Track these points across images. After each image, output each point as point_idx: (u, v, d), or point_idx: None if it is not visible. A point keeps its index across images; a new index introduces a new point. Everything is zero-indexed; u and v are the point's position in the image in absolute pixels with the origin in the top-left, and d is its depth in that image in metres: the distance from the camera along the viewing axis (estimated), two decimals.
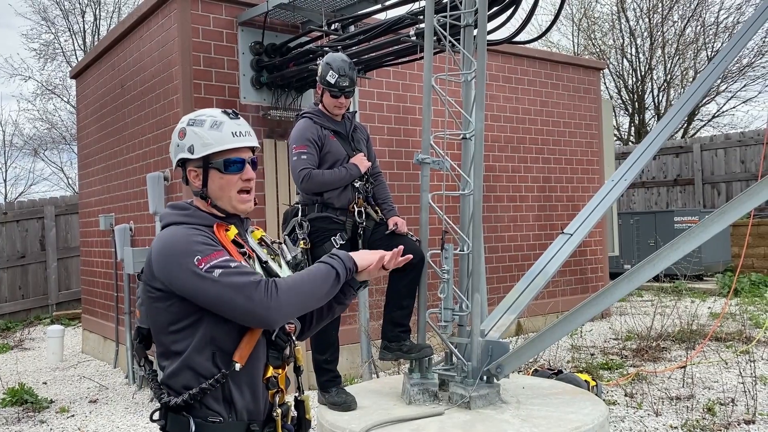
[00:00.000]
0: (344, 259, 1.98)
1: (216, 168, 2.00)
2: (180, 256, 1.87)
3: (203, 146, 1.98)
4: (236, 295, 1.82)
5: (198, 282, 1.84)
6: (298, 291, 1.88)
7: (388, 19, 5.28)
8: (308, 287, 1.90)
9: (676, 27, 19.41)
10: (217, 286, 1.83)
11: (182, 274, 1.86)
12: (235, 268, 1.85)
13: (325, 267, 1.95)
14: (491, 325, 4.22)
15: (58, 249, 11.91)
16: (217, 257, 1.86)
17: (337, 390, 4.00)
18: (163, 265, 1.90)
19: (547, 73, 9.16)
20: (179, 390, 1.93)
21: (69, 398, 6.43)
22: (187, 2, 6.16)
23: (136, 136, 7.19)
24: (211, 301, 1.85)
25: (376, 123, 7.25)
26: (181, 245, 1.89)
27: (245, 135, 2.03)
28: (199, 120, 2.02)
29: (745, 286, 11.15)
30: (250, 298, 1.82)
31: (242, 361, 1.92)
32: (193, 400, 1.90)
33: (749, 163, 14.29)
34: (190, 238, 1.90)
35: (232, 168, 2.01)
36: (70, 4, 21.29)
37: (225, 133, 1.99)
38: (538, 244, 8.77)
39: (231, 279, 1.83)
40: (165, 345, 1.96)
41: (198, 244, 1.88)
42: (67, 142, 21.47)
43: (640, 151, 4.98)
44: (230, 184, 2.01)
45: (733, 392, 5.49)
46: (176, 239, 1.91)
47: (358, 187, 4.16)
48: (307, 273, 1.93)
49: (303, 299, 1.90)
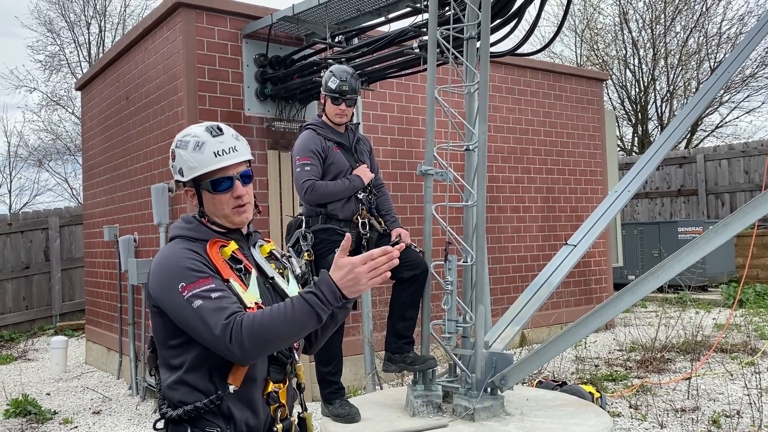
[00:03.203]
0: (327, 296, 1.80)
1: (206, 189, 2.00)
2: (168, 278, 1.89)
3: (189, 169, 1.99)
4: (205, 330, 1.82)
5: (179, 307, 1.86)
6: (268, 332, 1.79)
7: (392, 32, 5.32)
8: (282, 329, 1.80)
9: (679, 38, 19.45)
10: (194, 317, 1.83)
11: (168, 296, 1.88)
12: (215, 300, 1.83)
13: (304, 308, 1.80)
14: (495, 336, 4.21)
15: (62, 260, 11.93)
16: (200, 285, 1.85)
17: (340, 402, 3.99)
18: (154, 283, 1.93)
19: (550, 84, 9.19)
20: (176, 403, 1.94)
21: (72, 409, 6.42)
22: (192, 15, 6.21)
23: (140, 147, 7.23)
24: (189, 328, 1.87)
25: (379, 134, 7.27)
26: (170, 268, 1.90)
27: (229, 152, 1.98)
28: (184, 142, 2.01)
29: (749, 297, 11.10)
30: (214, 337, 1.81)
31: (237, 383, 1.92)
32: (187, 416, 1.91)
33: (753, 174, 14.27)
34: (179, 262, 1.90)
35: (221, 188, 1.99)
36: (76, 17, 21.46)
37: (206, 154, 1.96)
38: (542, 255, 8.76)
39: (205, 313, 1.82)
40: (165, 358, 1.99)
41: (185, 270, 1.88)
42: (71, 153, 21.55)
43: (643, 161, 4.98)
44: (222, 203, 2.00)
45: (738, 404, 5.46)
46: (168, 261, 1.92)
47: (361, 199, 4.17)
48: (284, 313, 1.80)
49: (274, 340, 1.82)
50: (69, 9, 21.27)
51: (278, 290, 2.09)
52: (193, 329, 1.85)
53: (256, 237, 2.15)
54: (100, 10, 21.56)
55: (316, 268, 4.04)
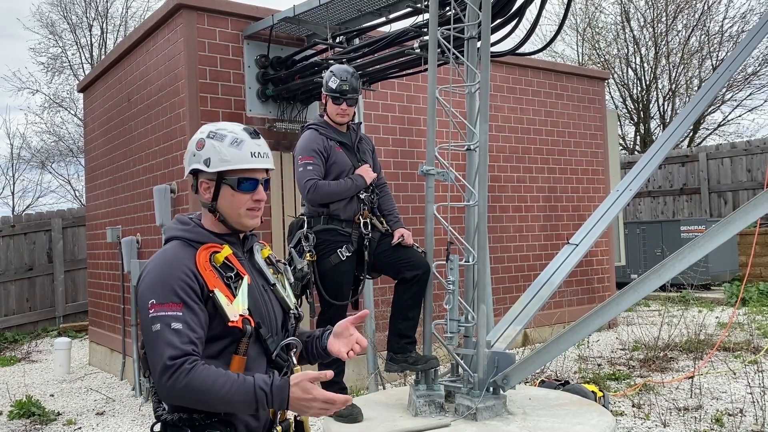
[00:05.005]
0: (274, 402, 1.81)
1: (229, 185, 1.99)
2: (148, 286, 1.90)
3: (220, 161, 1.98)
4: (152, 356, 1.84)
5: (143, 319, 1.89)
6: (204, 395, 1.79)
7: (393, 32, 5.32)
8: (216, 400, 1.80)
9: (681, 36, 19.43)
10: (148, 337, 1.86)
11: (142, 303, 1.90)
12: (172, 332, 1.82)
13: (248, 396, 1.79)
14: (497, 336, 4.21)
15: (65, 261, 11.95)
16: (166, 310, 1.84)
17: None
18: (142, 285, 1.93)
19: (551, 84, 9.18)
20: (172, 407, 1.93)
21: (76, 410, 6.44)
22: (193, 16, 6.22)
23: (142, 148, 7.24)
24: (144, 342, 1.90)
25: (380, 134, 7.27)
26: (154, 276, 1.91)
27: (263, 156, 2.03)
28: (220, 134, 2.00)
29: (752, 296, 11.08)
30: (155, 367, 1.82)
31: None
32: (182, 423, 1.90)
33: (755, 172, 14.24)
34: (163, 275, 1.89)
35: (245, 187, 2.00)
36: (78, 18, 21.51)
37: (244, 152, 1.98)
38: (544, 255, 8.75)
39: (158, 341, 1.82)
40: None
41: (163, 286, 1.87)
42: (74, 155, 21.58)
43: (645, 160, 4.98)
44: (241, 202, 2.00)
45: (741, 403, 5.45)
46: (156, 270, 1.92)
47: (363, 199, 4.17)
48: (228, 389, 1.79)
49: (203, 403, 1.83)
50: (71, 11, 21.34)
51: (279, 297, 2.09)
52: (146, 348, 1.88)
53: (253, 240, 2.13)
54: (101, 12, 21.61)
55: (318, 269, 4.04)
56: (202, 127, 2.07)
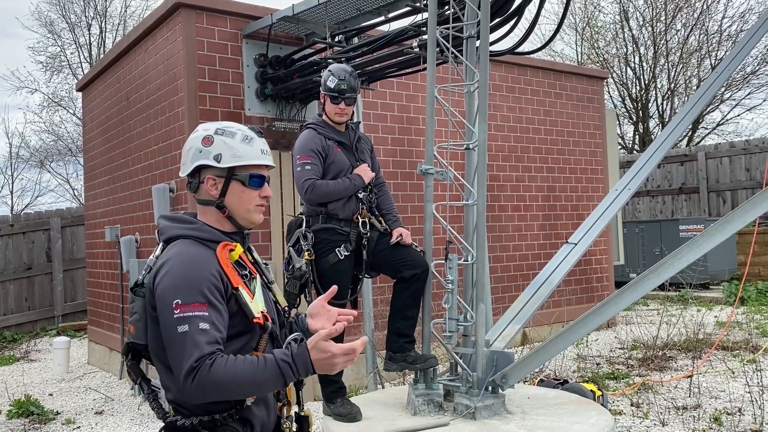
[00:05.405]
0: (299, 371, 1.84)
1: (240, 180, 2.01)
2: (172, 286, 1.85)
3: (233, 157, 1.99)
4: (179, 357, 1.81)
5: (167, 320, 1.84)
6: (231, 385, 1.80)
7: (391, 31, 5.32)
8: (245, 386, 1.82)
9: (680, 35, 19.43)
10: (174, 338, 1.82)
11: (164, 303, 1.85)
12: (200, 332, 1.80)
13: (275, 373, 1.82)
14: (496, 335, 4.21)
15: (64, 261, 11.94)
16: (193, 310, 1.82)
17: (342, 401, 3.99)
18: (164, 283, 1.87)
19: (550, 83, 9.18)
20: (191, 410, 1.90)
21: (75, 410, 6.44)
22: (192, 15, 6.22)
23: (141, 148, 7.24)
24: (165, 343, 1.86)
25: (379, 134, 7.27)
26: (178, 276, 1.86)
27: (268, 154, 2.08)
28: (229, 131, 2.03)
29: (751, 295, 11.09)
30: (180, 368, 1.80)
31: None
32: (203, 425, 1.89)
33: (754, 171, 14.26)
34: (186, 273, 1.86)
35: (255, 183, 2.03)
36: (76, 18, 21.48)
37: (255, 148, 2.03)
38: (543, 254, 8.76)
39: (186, 342, 1.79)
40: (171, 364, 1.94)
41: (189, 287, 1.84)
42: (73, 154, 21.56)
43: (644, 159, 4.98)
44: (251, 198, 2.03)
45: (740, 402, 5.46)
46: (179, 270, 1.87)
47: (362, 198, 4.16)
48: (253, 371, 1.81)
49: (232, 393, 1.84)
50: (69, 10, 21.31)
51: (275, 295, 2.11)
52: (169, 349, 1.85)
53: (248, 240, 2.14)
54: (100, 11, 21.58)
55: (316, 268, 4.04)
56: (199, 127, 2.07)
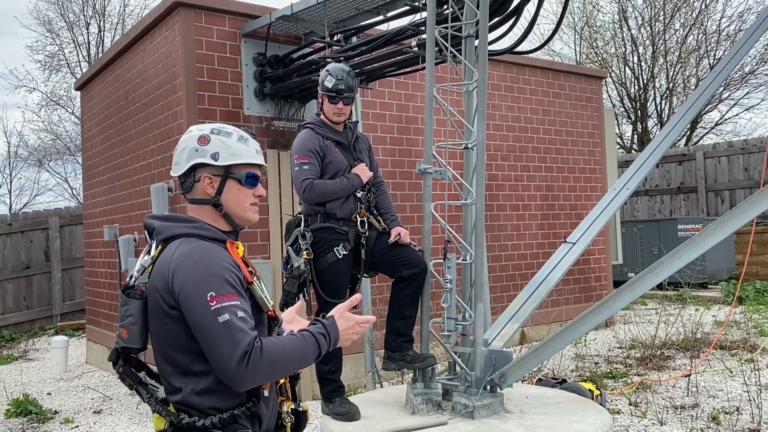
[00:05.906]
0: (332, 341, 1.97)
1: (237, 179, 2.05)
2: (200, 280, 1.85)
3: (231, 156, 2.03)
4: (226, 346, 1.80)
5: (202, 313, 1.83)
6: (282, 363, 1.88)
7: (390, 31, 5.32)
8: (294, 362, 1.91)
9: (678, 35, 19.44)
10: (215, 329, 1.81)
11: (193, 297, 1.84)
12: (240, 319, 1.83)
13: (314, 345, 1.93)
14: (494, 334, 4.21)
15: (62, 260, 11.93)
16: (229, 300, 1.84)
17: (340, 400, 3.99)
18: (184, 280, 1.86)
19: (549, 82, 9.19)
20: (205, 410, 1.89)
21: (73, 409, 6.43)
22: (191, 14, 6.21)
23: (140, 147, 7.23)
24: (202, 337, 1.84)
25: (378, 133, 7.27)
26: (202, 270, 1.86)
27: (261, 155, 2.13)
28: (225, 131, 2.07)
29: (749, 294, 11.11)
30: (231, 356, 1.80)
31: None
32: (222, 423, 1.89)
33: (752, 171, 14.27)
34: (215, 268, 1.88)
35: (251, 181, 2.07)
36: (75, 16, 21.45)
37: (251, 148, 2.08)
38: (541, 253, 8.76)
39: (233, 330, 1.81)
40: (182, 364, 1.91)
41: (220, 278, 1.86)
42: (71, 153, 21.53)
43: (642, 159, 4.98)
44: (246, 196, 2.07)
45: (738, 401, 5.47)
46: (205, 262, 1.88)
47: (360, 197, 4.16)
48: (297, 346, 1.90)
49: (284, 371, 1.93)
50: (68, 9, 21.28)
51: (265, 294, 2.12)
52: (210, 341, 1.82)
53: None
54: (99, 10, 21.56)
55: (314, 267, 4.04)
56: (191, 128, 2.10)
